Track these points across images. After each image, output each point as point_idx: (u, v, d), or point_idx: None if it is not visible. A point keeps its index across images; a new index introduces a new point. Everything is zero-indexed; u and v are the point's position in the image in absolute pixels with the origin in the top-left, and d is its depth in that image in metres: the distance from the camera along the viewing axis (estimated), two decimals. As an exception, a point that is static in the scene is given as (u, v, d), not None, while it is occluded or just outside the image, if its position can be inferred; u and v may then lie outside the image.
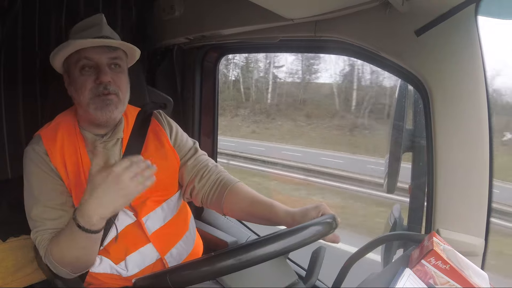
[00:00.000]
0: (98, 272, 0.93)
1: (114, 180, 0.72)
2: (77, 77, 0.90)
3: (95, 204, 0.73)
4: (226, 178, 1.03)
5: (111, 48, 0.91)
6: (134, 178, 0.73)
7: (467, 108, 0.89)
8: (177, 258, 0.99)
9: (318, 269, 0.94)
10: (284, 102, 14.74)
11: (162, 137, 1.04)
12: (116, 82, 0.92)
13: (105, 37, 0.91)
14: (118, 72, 0.93)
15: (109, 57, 0.91)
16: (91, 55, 0.89)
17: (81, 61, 0.89)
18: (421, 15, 0.90)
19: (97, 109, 0.90)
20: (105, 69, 0.90)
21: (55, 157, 0.90)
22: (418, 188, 1.08)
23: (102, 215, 0.75)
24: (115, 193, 0.73)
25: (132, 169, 0.73)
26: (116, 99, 0.91)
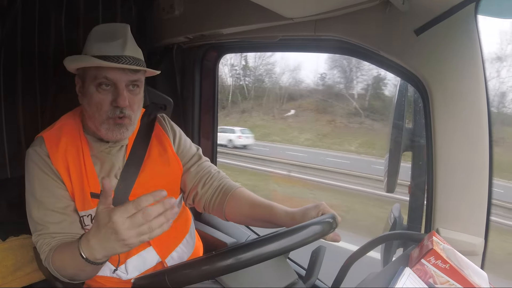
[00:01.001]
0: (98, 275, 0.92)
1: (112, 230, 0.63)
2: (92, 93, 0.86)
3: (98, 244, 0.68)
4: (228, 184, 1.04)
5: (133, 71, 0.87)
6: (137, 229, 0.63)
7: (466, 107, 0.89)
8: (178, 261, 0.99)
9: (318, 269, 0.94)
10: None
11: (166, 142, 1.03)
12: (133, 105, 0.89)
13: (129, 58, 0.86)
14: (136, 94, 0.90)
15: (130, 79, 0.88)
16: (111, 75, 0.85)
17: (99, 79, 0.85)
18: (420, 14, 0.90)
19: (108, 130, 0.88)
20: (124, 93, 0.86)
21: (58, 160, 0.89)
22: (417, 187, 1.08)
23: (105, 255, 0.71)
24: (115, 242, 0.65)
25: (135, 220, 0.62)
26: (129, 121, 0.89)
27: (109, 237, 0.65)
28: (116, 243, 0.65)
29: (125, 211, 0.62)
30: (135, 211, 0.62)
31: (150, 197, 0.63)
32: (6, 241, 1.22)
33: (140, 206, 0.62)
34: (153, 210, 0.62)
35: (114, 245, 0.66)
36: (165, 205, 0.63)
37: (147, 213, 0.62)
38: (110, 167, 0.94)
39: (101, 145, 0.94)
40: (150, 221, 0.63)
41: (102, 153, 0.94)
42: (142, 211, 0.62)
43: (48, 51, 1.34)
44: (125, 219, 0.62)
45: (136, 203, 0.62)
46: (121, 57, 0.85)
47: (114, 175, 0.93)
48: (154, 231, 0.64)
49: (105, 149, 0.95)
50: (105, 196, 0.67)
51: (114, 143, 0.95)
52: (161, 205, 0.63)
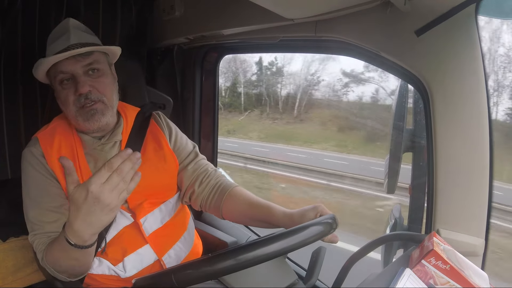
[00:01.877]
0: (96, 274, 0.93)
1: (93, 200, 0.65)
2: (59, 91, 0.90)
3: (82, 224, 0.69)
4: (225, 182, 1.04)
5: (84, 55, 0.88)
6: (115, 189, 0.65)
7: (467, 108, 0.89)
8: (176, 259, 0.99)
9: (318, 269, 0.94)
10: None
11: (161, 139, 1.03)
12: (98, 88, 0.89)
13: (75, 45, 0.87)
14: (98, 77, 0.91)
15: (84, 64, 0.88)
16: (65, 67, 0.87)
17: (58, 76, 0.88)
18: (421, 15, 0.90)
19: (84, 121, 0.89)
20: (82, 79, 0.87)
21: (52, 159, 0.90)
22: (418, 188, 1.08)
23: (92, 233, 0.72)
24: (100, 212, 0.66)
25: (112, 181, 0.64)
26: (102, 106, 0.90)
27: (92, 210, 0.66)
28: (100, 212, 0.66)
29: (100, 177, 0.64)
30: (109, 174, 0.64)
31: (118, 157, 0.64)
32: (6, 242, 1.22)
33: (113, 167, 0.64)
34: (124, 166, 0.64)
35: (98, 216, 0.67)
36: (132, 159, 0.65)
37: (120, 170, 0.64)
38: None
39: (94, 142, 0.95)
40: (123, 177, 0.64)
41: (95, 151, 0.95)
42: (115, 171, 0.64)
43: None
44: (101, 184, 0.64)
45: (108, 166, 0.64)
46: (67, 47, 0.87)
47: None
48: (130, 185, 0.66)
49: (98, 146, 0.95)
50: (70, 174, 0.68)
51: (107, 140, 0.96)
52: (129, 161, 0.64)
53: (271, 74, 16.39)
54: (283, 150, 11.67)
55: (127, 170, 0.64)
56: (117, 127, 0.98)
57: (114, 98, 0.94)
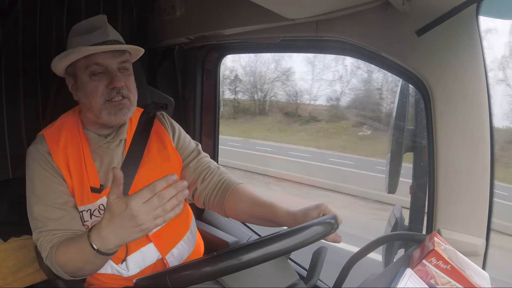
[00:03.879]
0: (99, 273, 0.93)
1: (129, 217, 0.66)
2: (86, 83, 0.89)
3: (111, 234, 0.70)
4: (228, 180, 1.03)
5: (119, 52, 0.91)
6: (153, 213, 0.65)
7: (468, 108, 0.89)
8: (178, 258, 0.99)
9: (319, 269, 0.93)
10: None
11: (165, 138, 1.04)
12: (128, 86, 0.92)
13: (113, 41, 0.90)
14: (128, 75, 0.94)
15: (119, 61, 0.91)
16: (102, 60, 0.88)
17: (90, 67, 0.88)
18: (422, 15, 0.90)
19: (110, 114, 0.90)
20: (117, 74, 0.90)
21: (58, 157, 0.90)
22: (419, 188, 1.08)
23: (118, 244, 0.72)
24: (132, 228, 0.67)
25: (151, 204, 0.65)
26: (128, 102, 0.92)
27: (125, 224, 0.67)
28: (132, 229, 0.67)
29: (141, 196, 0.65)
30: (151, 196, 0.64)
31: (163, 181, 0.65)
32: (7, 242, 1.22)
33: (155, 190, 0.64)
34: (167, 192, 0.65)
35: (129, 231, 0.68)
36: (177, 187, 0.65)
37: (162, 196, 0.64)
38: (109, 162, 0.95)
39: (100, 140, 0.95)
40: (164, 204, 0.65)
41: (101, 149, 0.95)
42: (157, 195, 0.64)
43: (49, 51, 1.34)
44: (141, 204, 0.64)
45: (151, 188, 0.64)
46: (106, 41, 0.89)
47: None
48: (168, 213, 0.66)
49: (104, 144, 0.95)
50: (116, 185, 0.68)
51: (113, 138, 0.96)
52: (173, 188, 0.65)
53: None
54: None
55: (169, 196, 0.65)
56: (123, 126, 0.98)
57: (135, 98, 0.96)
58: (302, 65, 8.42)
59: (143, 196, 0.65)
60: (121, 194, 0.68)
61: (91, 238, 0.73)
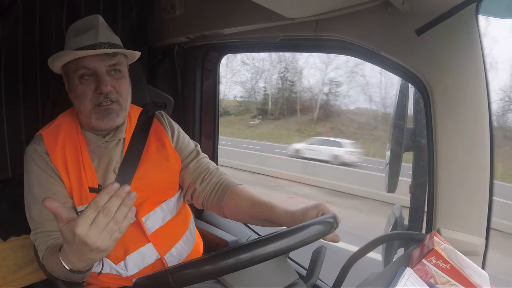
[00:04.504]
0: (98, 272, 0.93)
1: (81, 243, 0.59)
2: (76, 85, 0.89)
3: (75, 257, 0.66)
4: (227, 181, 1.03)
5: (110, 55, 0.89)
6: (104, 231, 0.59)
7: (467, 107, 0.89)
8: (177, 258, 0.99)
9: (319, 269, 0.93)
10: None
11: (164, 138, 1.03)
12: (117, 89, 0.90)
13: (103, 43, 0.88)
14: (119, 78, 0.92)
15: (109, 64, 0.89)
16: (90, 64, 0.87)
17: (79, 70, 0.87)
18: (421, 14, 0.90)
19: (98, 119, 0.89)
20: (105, 78, 0.88)
21: (56, 157, 0.90)
22: (419, 187, 1.08)
23: (85, 265, 0.69)
24: (89, 252, 0.62)
25: (99, 222, 0.58)
26: (118, 107, 0.91)
27: (81, 250, 0.62)
28: (90, 253, 0.62)
29: (86, 218, 0.58)
30: (95, 214, 0.58)
31: (104, 194, 0.58)
32: (7, 241, 1.22)
33: (98, 206, 0.58)
34: (111, 204, 0.58)
35: (89, 255, 0.63)
36: (119, 195, 0.58)
37: (107, 209, 0.58)
38: (108, 162, 0.94)
39: (98, 140, 0.95)
40: (113, 216, 0.58)
41: (99, 148, 0.95)
42: (101, 211, 0.58)
43: (49, 51, 1.33)
44: (88, 227, 0.58)
45: (93, 205, 0.58)
46: (95, 44, 0.87)
47: (112, 170, 0.94)
48: (122, 223, 0.60)
49: (102, 144, 0.95)
50: (56, 215, 0.61)
51: (111, 137, 0.96)
52: (116, 197, 0.58)
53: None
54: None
55: (115, 208, 0.58)
56: (121, 125, 0.98)
57: (128, 100, 0.95)
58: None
59: (88, 218, 0.58)
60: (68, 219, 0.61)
61: (61, 258, 0.70)
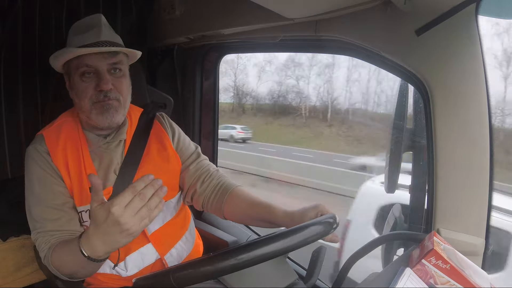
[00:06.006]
0: (98, 273, 0.93)
1: (113, 222, 0.64)
2: (77, 83, 0.89)
3: (99, 241, 0.69)
4: (226, 182, 1.04)
5: (111, 54, 0.90)
6: (137, 215, 0.64)
7: (467, 107, 0.89)
8: (177, 258, 0.99)
9: (318, 269, 0.93)
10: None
11: (165, 140, 1.04)
12: (117, 88, 0.91)
13: (105, 42, 0.89)
14: (120, 77, 0.92)
15: (110, 62, 0.90)
16: (91, 62, 0.87)
17: (81, 68, 0.88)
18: (421, 14, 0.90)
19: (98, 114, 0.89)
20: (106, 76, 0.88)
21: (57, 157, 0.90)
22: (418, 187, 1.08)
23: (108, 251, 0.72)
24: (118, 234, 0.65)
25: (134, 205, 0.63)
26: (117, 103, 0.91)
27: (111, 231, 0.65)
28: (119, 234, 0.65)
29: (123, 199, 0.63)
30: (132, 197, 0.63)
31: (141, 182, 0.64)
32: (6, 242, 1.22)
33: (136, 190, 0.63)
34: (147, 191, 0.64)
35: (117, 237, 0.66)
36: (154, 185, 0.64)
37: (143, 195, 0.63)
38: (108, 163, 0.95)
39: (99, 140, 0.95)
40: (147, 202, 0.64)
41: (100, 149, 0.95)
42: (138, 195, 0.63)
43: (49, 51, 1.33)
44: (123, 208, 0.63)
45: (131, 189, 0.63)
46: (98, 42, 0.88)
47: (113, 170, 0.94)
48: (153, 211, 0.65)
49: (103, 144, 0.95)
50: (95, 192, 0.67)
51: (112, 138, 0.96)
52: (151, 186, 0.64)
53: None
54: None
55: (150, 195, 0.64)
56: (122, 126, 0.98)
57: (128, 99, 0.95)
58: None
59: (125, 198, 0.63)
60: (103, 201, 0.67)
61: (81, 245, 0.71)
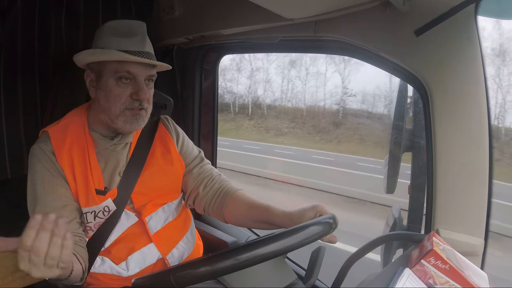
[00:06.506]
0: (98, 273, 0.93)
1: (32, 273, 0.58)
2: (112, 86, 0.88)
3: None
4: (228, 186, 1.04)
5: (151, 66, 0.91)
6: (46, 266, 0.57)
7: (466, 107, 0.89)
8: (178, 258, 1.00)
9: (317, 269, 0.93)
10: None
11: (169, 143, 1.04)
12: (148, 99, 0.92)
13: (148, 53, 0.90)
14: (151, 88, 0.94)
15: (148, 74, 0.91)
16: (134, 69, 0.88)
17: (120, 73, 0.87)
18: (421, 15, 0.90)
19: (126, 122, 0.89)
20: (144, 86, 0.89)
21: (62, 157, 0.89)
22: (417, 188, 1.08)
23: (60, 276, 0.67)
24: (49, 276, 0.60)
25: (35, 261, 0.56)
26: (145, 113, 0.92)
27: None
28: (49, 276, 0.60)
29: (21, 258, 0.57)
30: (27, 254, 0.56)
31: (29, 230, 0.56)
32: (6, 242, 1.22)
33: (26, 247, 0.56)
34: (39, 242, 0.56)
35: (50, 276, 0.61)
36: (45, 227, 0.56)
37: (36, 249, 0.56)
38: (114, 165, 0.94)
39: (106, 142, 0.95)
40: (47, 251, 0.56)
41: (106, 151, 0.95)
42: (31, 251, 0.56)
43: (48, 51, 1.34)
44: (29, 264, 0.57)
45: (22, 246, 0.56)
46: (142, 52, 0.88)
47: (118, 172, 0.94)
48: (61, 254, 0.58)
49: (110, 146, 0.95)
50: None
51: (119, 140, 0.96)
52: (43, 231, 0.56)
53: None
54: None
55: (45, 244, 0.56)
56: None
57: (151, 109, 0.96)
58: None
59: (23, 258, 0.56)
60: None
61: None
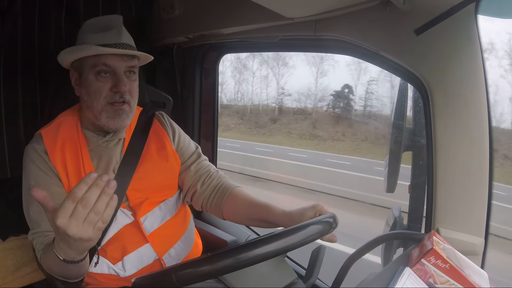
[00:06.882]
0: (96, 272, 0.93)
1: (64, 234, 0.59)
2: (91, 82, 0.88)
3: (65, 246, 0.65)
4: (226, 183, 1.04)
5: (129, 57, 0.90)
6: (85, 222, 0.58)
7: (467, 107, 0.89)
8: (176, 258, 0.99)
9: (318, 268, 0.93)
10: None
11: (164, 139, 1.04)
12: (131, 91, 0.91)
13: (125, 44, 0.89)
14: (134, 80, 0.93)
15: (128, 65, 0.90)
16: (111, 62, 0.87)
17: (98, 67, 0.87)
18: (421, 14, 0.90)
19: (109, 118, 0.89)
20: (124, 78, 0.89)
21: (55, 156, 0.90)
22: (418, 187, 1.08)
23: (79, 253, 0.68)
24: (75, 242, 0.60)
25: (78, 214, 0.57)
26: (128, 108, 0.91)
27: (67, 239, 0.61)
28: (75, 243, 0.61)
29: (65, 210, 0.57)
30: (74, 205, 0.57)
31: (82, 184, 0.57)
32: (6, 241, 1.22)
33: (76, 198, 0.57)
34: (90, 194, 0.56)
35: (77, 244, 0.62)
36: (98, 184, 0.57)
37: (86, 200, 0.56)
38: (107, 162, 0.94)
39: (98, 139, 0.95)
40: (93, 206, 0.57)
41: (99, 148, 0.95)
42: (80, 202, 0.57)
43: (48, 51, 1.34)
44: (68, 218, 0.57)
45: (71, 196, 0.57)
46: (118, 44, 0.88)
47: (112, 169, 0.94)
48: (104, 212, 0.58)
49: (102, 143, 0.95)
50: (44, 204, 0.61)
51: (111, 137, 0.96)
52: (95, 186, 0.57)
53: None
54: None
55: (94, 198, 0.57)
56: None
57: (136, 103, 0.95)
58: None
59: (66, 210, 0.57)
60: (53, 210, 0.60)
61: (55, 249, 0.69)
